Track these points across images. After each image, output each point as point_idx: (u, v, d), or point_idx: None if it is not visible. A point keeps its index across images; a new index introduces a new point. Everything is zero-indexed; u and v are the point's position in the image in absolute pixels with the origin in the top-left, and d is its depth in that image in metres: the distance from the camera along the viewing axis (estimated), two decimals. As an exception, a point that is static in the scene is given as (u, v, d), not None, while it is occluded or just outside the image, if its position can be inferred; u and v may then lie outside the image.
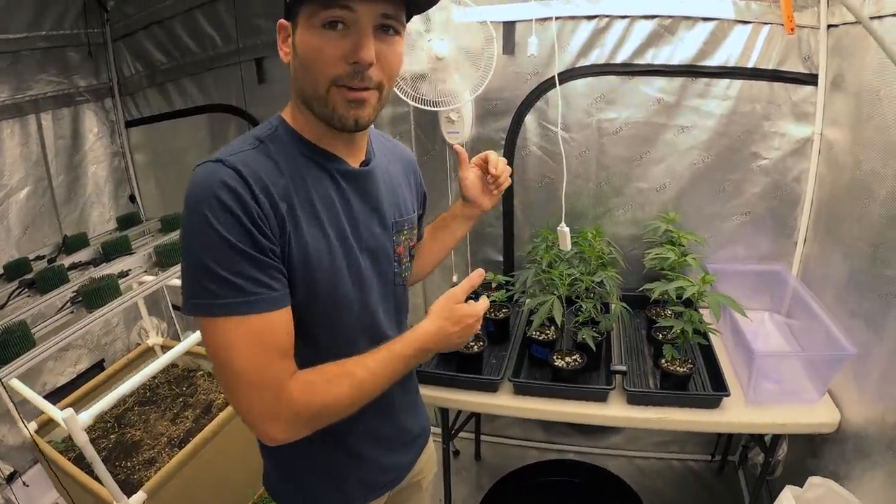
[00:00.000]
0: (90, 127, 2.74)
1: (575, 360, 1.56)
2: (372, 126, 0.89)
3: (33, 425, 1.74)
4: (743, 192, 1.84)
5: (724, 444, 2.11)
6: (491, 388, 1.58)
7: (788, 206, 1.81)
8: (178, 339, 1.95)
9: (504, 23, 1.82)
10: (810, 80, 1.68)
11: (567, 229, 1.69)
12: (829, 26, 1.61)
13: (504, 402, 1.55)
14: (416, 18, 1.68)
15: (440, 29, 1.64)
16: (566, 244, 1.70)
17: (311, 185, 0.79)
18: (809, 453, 1.59)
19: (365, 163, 0.88)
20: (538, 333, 1.67)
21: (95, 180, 2.78)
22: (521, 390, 1.56)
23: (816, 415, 1.44)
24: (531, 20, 1.75)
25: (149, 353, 2.23)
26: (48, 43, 2.48)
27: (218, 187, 0.69)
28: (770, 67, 1.70)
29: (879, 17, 1.32)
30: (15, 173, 2.44)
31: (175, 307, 2.44)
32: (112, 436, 1.92)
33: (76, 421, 1.38)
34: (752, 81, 1.72)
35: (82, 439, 1.39)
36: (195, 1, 2.37)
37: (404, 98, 1.74)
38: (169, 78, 2.62)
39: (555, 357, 1.57)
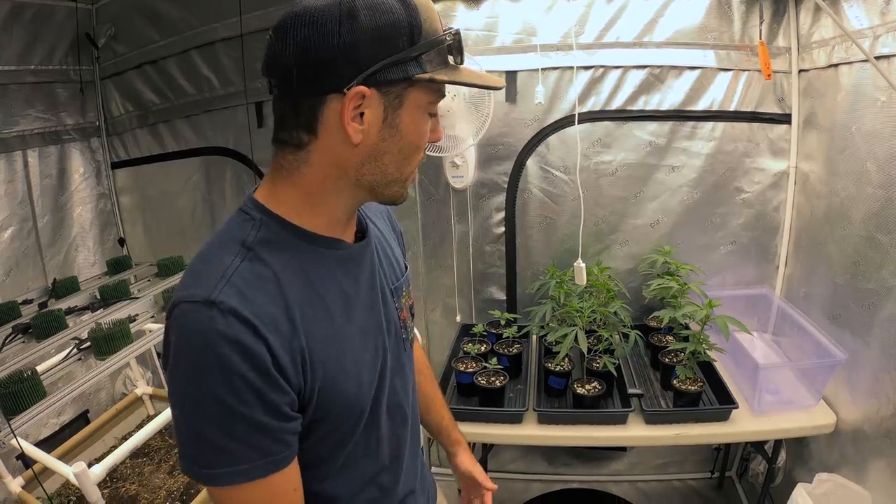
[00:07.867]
0: (76, 167, 2.67)
1: (594, 387, 1.64)
2: None
3: (19, 480, 1.63)
4: (728, 224, 2.00)
5: (722, 460, 2.22)
6: (516, 419, 1.64)
7: (769, 233, 1.99)
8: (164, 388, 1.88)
9: (507, 72, 1.94)
10: (784, 119, 1.87)
11: (584, 265, 1.77)
12: (801, 71, 1.81)
13: (529, 431, 1.61)
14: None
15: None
16: (582, 279, 1.77)
17: (322, 287, 0.70)
18: (804, 459, 1.75)
19: (360, 233, 0.81)
20: (554, 365, 1.74)
21: (81, 222, 2.70)
22: (545, 419, 1.63)
23: (815, 418, 1.59)
24: (534, 69, 1.87)
25: (136, 403, 2.13)
26: (36, 77, 2.41)
27: (219, 344, 0.58)
28: (749, 110, 1.88)
29: (849, 63, 1.52)
30: (0, 212, 2.34)
31: (160, 354, 2.36)
32: (105, 491, 1.79)
33: (88, 476, 1.30)
34: (733, 123, 1.90)
35: (95, 496, 1.30)
36: (192, 42, 2.39)
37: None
38: (161, 119, 2.60)
39: (575, 385, 1.65)
